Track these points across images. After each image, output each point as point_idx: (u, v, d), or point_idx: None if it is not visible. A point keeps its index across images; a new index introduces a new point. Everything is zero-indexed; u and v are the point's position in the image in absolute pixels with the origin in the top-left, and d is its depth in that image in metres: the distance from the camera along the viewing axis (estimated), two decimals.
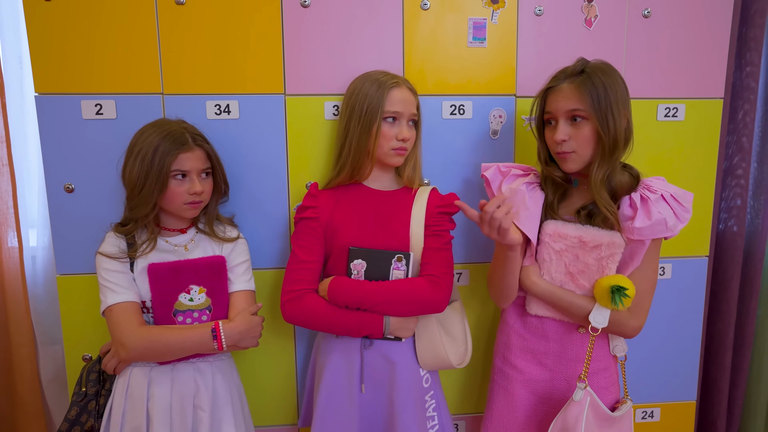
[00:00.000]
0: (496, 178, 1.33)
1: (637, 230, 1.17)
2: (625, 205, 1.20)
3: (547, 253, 1.25)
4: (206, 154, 1.29)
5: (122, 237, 1.28)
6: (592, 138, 1.17)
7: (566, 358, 1.30)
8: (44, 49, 1.37)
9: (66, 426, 1.28)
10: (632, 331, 1.25)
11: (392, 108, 1.28)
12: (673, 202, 1.18)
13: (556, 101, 1.20)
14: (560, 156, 1.22)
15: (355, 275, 1.28)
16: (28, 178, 1.87)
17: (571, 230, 1.22)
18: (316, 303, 1.27)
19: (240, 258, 1.35)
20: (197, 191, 1.25)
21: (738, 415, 2.00)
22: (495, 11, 1.48)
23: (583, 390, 1.20)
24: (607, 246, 1.20)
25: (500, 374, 1.37)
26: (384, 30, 1.45)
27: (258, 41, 1.42)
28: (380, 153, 1.30)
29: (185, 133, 1.25)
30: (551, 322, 1.30)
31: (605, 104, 1.14)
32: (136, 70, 1.40)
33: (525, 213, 1.24)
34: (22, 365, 1.82)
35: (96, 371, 1.33)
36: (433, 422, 1.35)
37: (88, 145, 1.41)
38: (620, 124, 1.16)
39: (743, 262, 1.92)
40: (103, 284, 1.24)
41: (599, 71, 1.17)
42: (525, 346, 1.33)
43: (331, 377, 1.33)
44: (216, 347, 1.24)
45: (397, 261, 1.26)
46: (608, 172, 1.18)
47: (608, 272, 1.21)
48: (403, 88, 1.30)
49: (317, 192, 1.35)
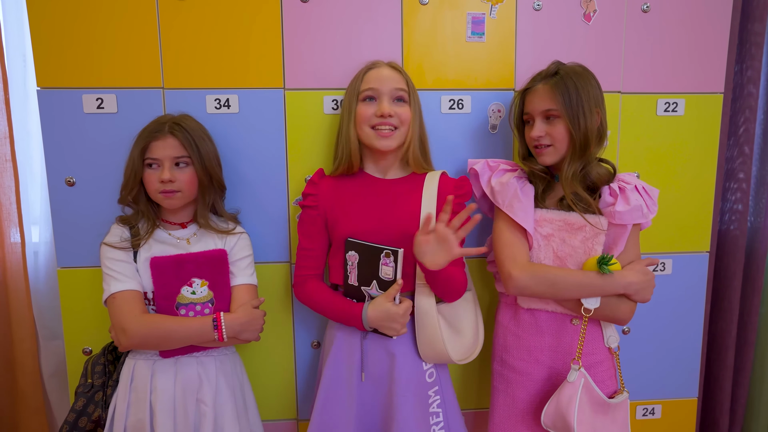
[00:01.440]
0: (485, 172, 1.37)
1: (618, 214, 1.24)
2: (606, 193, 1.28)
3: (535, 240, 1.29)
4: (180, 142, 1.26)
5: (125, 227, 1.30)
6: (566, 135, 1.25)
7: (561, 351, 1.31)
8: (46, 43, 1.39)
9: (73, 416, 1.28)
10: (624, 314, 1.28)
11: (368, 85, 1.28)
12: (644, 194, 1.27)
13: (532, 102, 1.29)
14: (537, 151, 1.29)
15: (350, 266, 1.29)
16: (30, 175, 1.88)
17: (555, 215, 1.29)
18: (313, 290, 1.33)
19: (243, 252, 1.35)
20: (164, 179, 1.25)
21: (741, 414, 1.98)
22: (494, 6, 1.49)
23: (577, 371, 1.22)
24: (591, 227, 1.25)
25: (500, 378, 1.38)
26: (383, 25, 1.46)
27: (258, 36, 1.43)
28: (363, 137, 1.30)
29: (165, 123, 1.27)
30: (544, 314, 1.32)
31: (576, 104, 1.22)
32: (137, 64, 1.41)
33: (519, 205, 1.28)
34: (23, 360, 1.84)
35: (101, 363, 1.33)
36: (437, 418, 1.32)
37: (89, 138, 1.42)
38: (591, 122, 1.23)
39: (745, 260, 1.91)
40: (107, 273, 1.25)
41: (572, 73, 1.25)
42: (520, 344, 1.34)
43: (332, 368, 1.33)
44: (216, 337, 1.24)
45: (385, 256, 1.23)
46: (583, 167, 1.26)
47: (594, 254, 1.27)
48: (381, 68, 1.31)
49: (319, 180, 1.35)
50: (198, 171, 1.29)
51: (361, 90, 1.28)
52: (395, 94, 1.29)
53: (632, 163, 1.58)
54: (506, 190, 1.30)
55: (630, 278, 1.24)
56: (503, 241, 1.29)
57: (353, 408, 1.30)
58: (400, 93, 1.30)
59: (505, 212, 1.29)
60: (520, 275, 1.23)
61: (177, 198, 1.28)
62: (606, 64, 1.53)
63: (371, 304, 1.26)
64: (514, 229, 1.29)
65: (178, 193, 1.27)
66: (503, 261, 1.27)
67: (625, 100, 1.56)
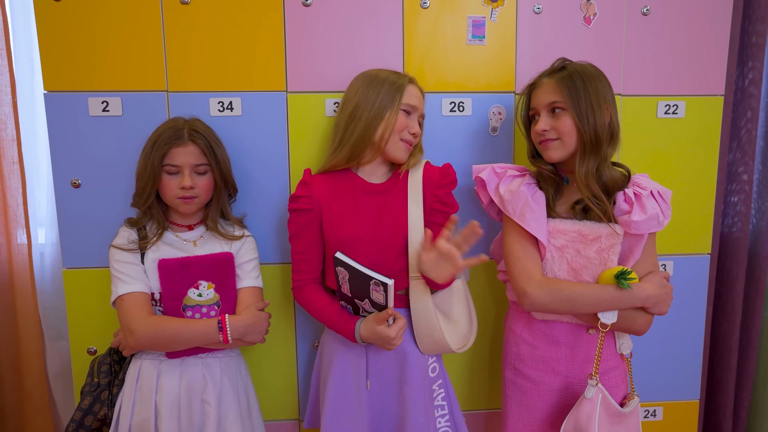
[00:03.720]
0: (492, 179, 1.32)
1: (634, 224, 1.18)
2: (621, 200, 1.22)
3: (548, 251, 1.23)
4: (201, 149, 1.30)
5: (133, 229, 1.32)
6: (573, 129, 1.20)
7: (578, 361, 1.28)
8: (53, 47, 1.41)
9: (79, 415, 1.30)
10: (641, 326, 1.23)
11: (410, 101, 1.29)
12: (659, 199, 1.21)
13: (537, 96, 1.26)
14: (543, 145, 1.24)
15: (341, 278, 1.26)
16: (37, 177, 1.91)
17: (569, 225, 1.23)
18: (310, 297, 1.34)
19: (248, 255, 1.37)
20: (186, 185, 1.27)
21: (744, 417, 1.97)
22: (494, 9, 1.50)
23: (595, 387, 1.19)
24: (607, 237, 1.20)
25: (513, 386, 1.35)
26: (384, 28, 1.48)
27: (260, 40, 1.45)
28: (390, 142, 1.28)
29: (183, 129, 1.28)
30: (560, 325, 1.28)
31: (583, 96, 1.18)
32: (142, 68, 1.43)
33: (531, 215, 1.22)
34: (29, 360, 1.86)
35: (107, 363, 1.35)
36: (442, 411, 1.34)
37: (94, 141, 1.44)
38: (600, 117, 1.19)
39: (748, 263, 1.90)
40: (115, 275, 1.27)
41: (579, 68, 1.22)
42: (536, 354, 1.31)
43: (339, 377, 1.32)
44: (221, 339, 1.26)
45: (375, 285, 1.19)
46: (596, 167, 1.20)
47: (610, 264, 1.21)
48: (417, 86, 1.34)
49: (310, 180, 1.32)
50: (216, 177, 1.33)
51: (405, 102, 1.28)
52: (421, 116, 1.35)
53: (633, 166, 1.56)
54: (516, 198, 1.24)
55: (649, 291, 1.19)
56: (516, 255, 1.24)
57: (364, 412, 1.30)
58: (422, 118, 1.37)
59: (516, 222, 1.24)
60: (535, 293, 1.19)
61: (194, 203, 1.31)
62: (606, 66, 1.52)
63: (364, 323, 1.26)
64: (525, 240, 1.24)
65: (196, 198, 1.30)
66: (517, 277, 1.23)
67: (626, 102, 1.56)
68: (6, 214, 1.80)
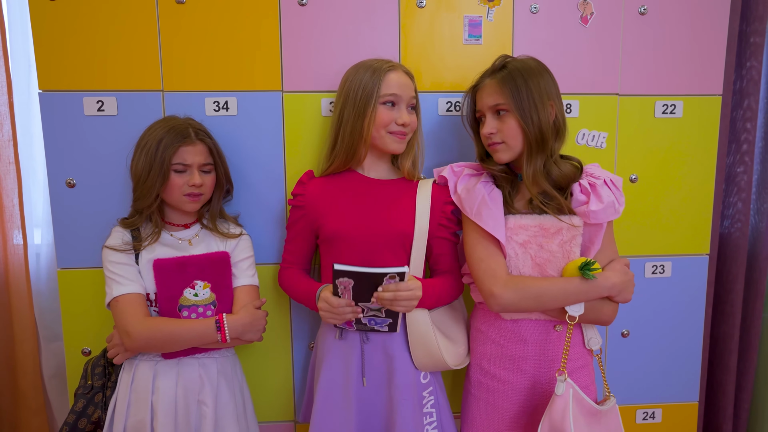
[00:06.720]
0: (450, 178, 1.32)
1: (593, 213, 1.19)
2: (577, 191, 1.23)
3: (511, 248, 1.22)
4: (208, 149, 1.32)
5: (127, 230, 1.31)
6: (518, 130, 1.20)
7: (546, 359, 1.26)
8: (48, 47, 1.41)
9: (73, 418, 1.30)
10: (608, 316, 1.24)
11: (389, 91, 1.26)
12: (613, 187, 1.22)
13: (482, 98, 1.26)
14: (491, 147, 1.25)
15: (341, 290, 1.19)
16: (33, 178, 1.90)
17: (529, 220, 1.22)
18: (289, 278, 1.40)
19: (244, 254, 1.37)
20: (196, 183, 1.27)
21: (744, 418, 1.96)
22: (490, 9, 1.50)
23: (564, 382, 1.17)
24: (568, 229, 1.21)
25: (479, 386, 1.31)
26: (380, 28, 1.47)
27: (256, 39, 1.45)
28: (376, 138, 1.28)
29: (189, 128, 1.29)
30: (527, 324, 1.26)
31: (525, 95, 1.18)
32: (137, 67, 1.43)
33: (488, 212, 1.21)
34: (24, 361, 1.85)
35: (101, 365, 1.35)
36: (431, 418, 1.32)
37: (89, 140, 1.44)
38: (544, 115, 1.19)
39: (747, 264, 1.89)
40: (109, 276, 1.26)
41: (521, 66, 1.21)
42: (503, 353, 1.28)
43: (329, 373, 1.33)
44: (219, 339, 1.25)
45: (389, 278, 1.14)
46: (543, 165, 1.21)
47: (573, 257, 1.22)
48: (399, 72, 1.29)
49: (308, 180, 1.37)
50: (219, 176, 1.35)
51: (384, 93, 1.25)
52: (410, 102, 1.31)
53: (630, 166, 1.58)
54: (473, 197, 1.23)
55: (613, 279, 1.20)
56: (478, 255, 1.23)
57: (352, 413, 1.30)
58: (413, 101, 1.33)
59: (474, 221, 1.22)
60: (502, 293, 1.17)
61: (200, 201, 1.32)
62: (603, 66, 1.53)
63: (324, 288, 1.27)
64: (486, 239, 1.22)
65: (202, 196, 1.31)
66: (481, 278, 1.21)
67: (623, 102, 1.56)
68: (2, 214, 1.79)
